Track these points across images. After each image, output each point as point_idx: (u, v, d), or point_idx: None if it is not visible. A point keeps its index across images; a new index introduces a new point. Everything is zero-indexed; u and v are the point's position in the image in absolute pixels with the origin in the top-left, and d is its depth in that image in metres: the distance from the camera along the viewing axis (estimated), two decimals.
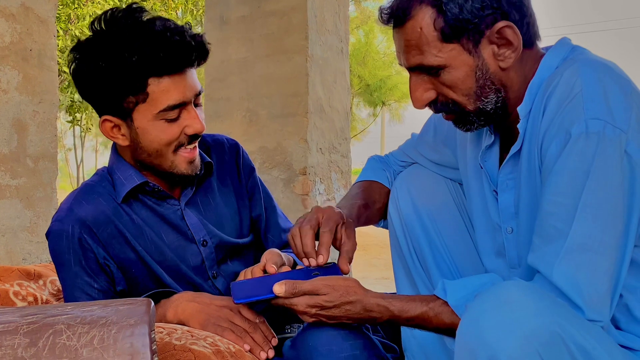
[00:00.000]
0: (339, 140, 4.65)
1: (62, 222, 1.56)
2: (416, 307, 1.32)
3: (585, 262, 1.17)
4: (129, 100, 1.50)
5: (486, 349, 1.06)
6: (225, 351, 1.31)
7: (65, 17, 12.02)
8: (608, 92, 1.20)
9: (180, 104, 1.51)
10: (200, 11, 13.21)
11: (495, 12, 1.29)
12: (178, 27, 1.49)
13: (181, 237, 1.64)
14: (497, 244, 1.50)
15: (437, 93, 1.37)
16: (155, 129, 1.52)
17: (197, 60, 1.53)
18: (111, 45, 1.47)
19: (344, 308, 1.32)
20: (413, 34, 1.32)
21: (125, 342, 1.04)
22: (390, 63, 23.56)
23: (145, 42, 1.45)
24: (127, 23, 1.48)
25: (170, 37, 1.46)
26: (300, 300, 1.32)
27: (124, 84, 1.48)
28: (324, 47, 4.41)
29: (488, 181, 1.48)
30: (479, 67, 1.32)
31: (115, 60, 1.46)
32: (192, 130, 1.54)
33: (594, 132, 1.17)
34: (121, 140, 1.58)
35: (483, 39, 1.31)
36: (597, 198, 1.17)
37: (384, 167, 1.83)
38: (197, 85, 1.55)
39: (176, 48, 1.47)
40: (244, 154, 1.84)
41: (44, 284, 1.83)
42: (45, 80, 2.91)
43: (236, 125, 4.35)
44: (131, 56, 1.45)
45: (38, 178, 2.91)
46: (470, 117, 1.38)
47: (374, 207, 1.74)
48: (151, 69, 1.46)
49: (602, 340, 1.13)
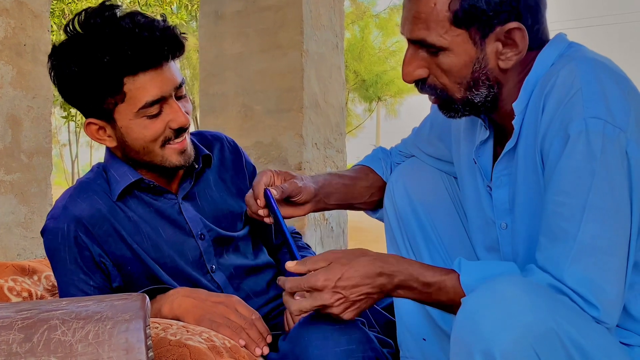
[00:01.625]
0: (335, 135, 4.65)
1: (57, 220, 1.55)
2: (435, 274, 1.28)
3: (598, 263, 1.17)
4: (108, 102, 1.49)
5: (481, 343, 1.06)
6: (220, 346, 1.31)
7: (59, 12, 11.98)
8: (607, 91, 1.20)
9: (160, 99, 1.50)
10: (195, 6, 13.18)
11: (512, 10, 1.27)
12: (148, 23, 1.46)
13: (179, 232, 1.64)
14: (491, 239, 1.50)
15: (429, 72, 1.36)
16: (138, 126, 1.51)
17: (171, 54, 1.50)
18: (83, 49, 1.45)
19: (362, 266, 1.27)
20: (425, 7, 1.29)
21: (120, 337, 1.03)
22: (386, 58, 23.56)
23: (114, 41, 1.43)
24: (97, 23, 1.46)
25: (139, 34, 1.44)
26: (319, 275, 1.27)
27: (99, 86, 1.46)
28: (319, 42, 4.41)
29: (482, 176, 1.48)
30: (479, 60, 1.31)
31: (88, 63, 1.45)
32: (176, 124, 1.52)
33: (594, 132, 1.17)
34: (108, 142, 1.57)
35: (491, 34, 1.29)
36: (603, 199, 1.17)
37: (383, 157, 1.83)
38: (177, 78, 1.52)
39: (145, 44, 1.45)
40: (245, 153, 1.85)
41: (38, 280, 1.82)
42: (40, 75, 2.90)
43: (231, 120, 4.34)
44: (102, 57, 1.43)
45: (32, 173, 2.90)
46: (456, 105, 1.37)
47: (353, 183, 1.73)
48: (124, 68, 1.45)
49: (599, 336, 1.13)
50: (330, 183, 1.67)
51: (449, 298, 1.27)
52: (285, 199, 1.55)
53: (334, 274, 1.26)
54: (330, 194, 1.66)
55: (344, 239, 4.68)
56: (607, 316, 1.16)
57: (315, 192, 1.60)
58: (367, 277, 1.27)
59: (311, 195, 1.59)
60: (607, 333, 1.16)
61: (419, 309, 1.67)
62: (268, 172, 1.55)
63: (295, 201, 1.57)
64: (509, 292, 1.08)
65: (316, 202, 1.62)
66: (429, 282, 1.28)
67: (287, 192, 1.54)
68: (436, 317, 1.65)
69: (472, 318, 1.09)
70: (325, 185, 1.65)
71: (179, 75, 1.53)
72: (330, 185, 1.66)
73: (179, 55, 1.52)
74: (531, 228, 1.34)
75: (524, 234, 1.38)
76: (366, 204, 1.79)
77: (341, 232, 4.63)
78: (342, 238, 4.66)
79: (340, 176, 1.72)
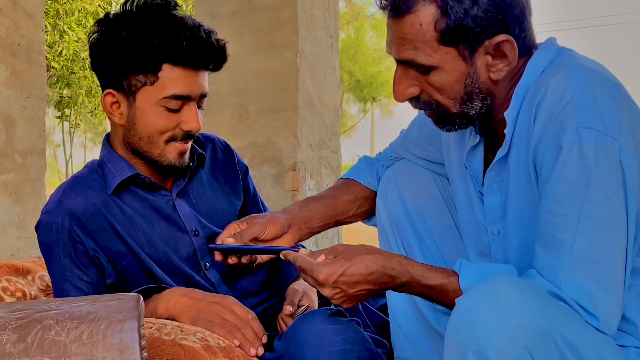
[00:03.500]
0: (329, 135, 4.65)
1: (51, 214, 1.55)
2: (437, 277, 1.29)
3: (594, 273, 1.17)
4: (137, 79, 1.53)
5: (475, 343, 1.06)
6: (215, 346, 1.31)
7: (54, 12, 11.96)
8: (598, 100, 1.20)
9: (185, 97, 1.54)
10: (189, 6, 13.17)
11: (498, 24, 1.26)
12: (207, 29, 1.54)
13: (173, 228, 1.64)
14: (483, 244, 1.50)
15: (421, 90, 1.35)
16: (154, 113, 1.54)
17: (214, 63, 1.57)
18: (139, 23, 1.51)
19: (364, 265, 1.28)
20: (411, 29, 1.28)
21: (114, 337, 1.03)
22: (380, 59, 23.61)
23: (172, 29, 1.49)
24: (159, 10, 1.53)
25: (197, 32, 1.51)
26: (323, 268, 1.28)
27: (138, 61, 1.51)
28: (314, 43, 4.41)
29: (473, 182, 1.48)
30: (470, 75, 1.30)
31: (138, 35, 1.50)
32: (188, 127, 1.56)
33: (587, 142, 1.17)
34: (117, 118, 1.59)
35: (480, 48, 1.28)
36: (598, 208, 1.17)
37: (366, 166, 1.82)
38: (205, 88, 1.59)
39: (200, 43, 1.51)
40: (237, 153, 1.87)
41: (32, 280, 1.82)
42: (34, 75, 2.90)
43: (226, 120, 4.34)
44: (155, 37, 1.48)
45: (26, 173, 2.89)
46: (453, 119, 1.37)
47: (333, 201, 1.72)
48: (170, 55, 1.50)
49: (592, 337, 1.13)
50: (307, 207, 1.67)
51: (450, 299, 1.27)
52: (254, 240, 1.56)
53: (337, 270, 1.28)
54: (310, 218, 1.66)
55: (338, 240, 4.69)
56: (606, 326, 1.16)
57: (286, 222, 1.60)
58: (368, 276, 1.29)
59: (281, 227, 1.59)
60: (601, 334, 1.17)
61: (413, 309, 1.67)
62: (231, 225, 1.57)
63: (263, 239, 1.57)
64: (503, 292, 1.08)
65: (296, 230, 1.62)
66: (430, 285, 1.29)
67: (248, 236, 1.54)
68: (429, 318, 1.65)
69: (466, 318, 1.09)
70: (302, 212, 1.65)
71: (207, 86, 1.60)
72: (307, 209, 1.66)
73: (216, 69, 1.59)
74: (523, 235, 1.35)
75: (516, 241, 1.38)
76: (356, 217, 1.78)
77: (336, 232, 4.64)
78: (337, 238, 4.66)
79: (317, 198, 1.72)
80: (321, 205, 1.69)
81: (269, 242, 1.58)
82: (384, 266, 1.29)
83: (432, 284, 1.29)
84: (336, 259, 1.30)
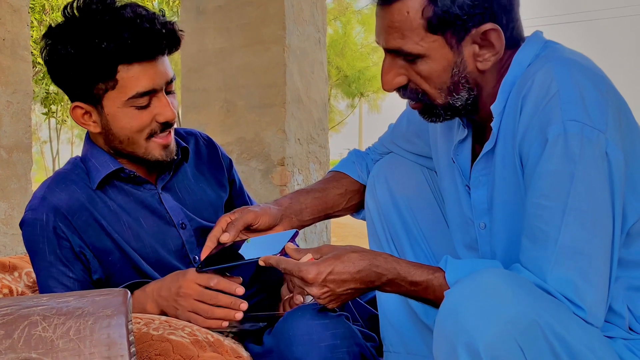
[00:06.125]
0: (317, 131, 4.65)
1: (35, 210, 1.54)
2: (422, 273, 1.30)
3: (579, 265, 1.17)
4: (98, 87, 1.50)
5: (464, 336, 1.06)
6: (203, 341, 1.31)
7: (40, 7, 11.88)
8: (584, 93, 1.20)
9: (150, 91, 1.51)
10: (176, 1, 13.11)
11: (485, 12, 1.27)
12: (149, 14, 1.49)
13: (160, 221, 1.64)
14: (470, 238, 1.50)
15: (408, 79, 1.36)
16: (126, 115, 1.52)
17: (168, 48, 1.53)
18: (81, 32, 1.47)
19: (352, 263, 1.29)
20: (398, 17, 1.29)
21: (102, 332, 1.03)
22: (368, 54, 23.60)
23: (114, 28, 1.45)
24: (98, 9, 1.48)
25: (140, 24, 1.46)
26: (311, 268, 1.29)
27: (93, 71, 1.47)
28: (301, 38, 4.40)
29: (460, 176, 1.48)
30: (457, 64, 1.31)
31: (85, 46, 1.46)
32: (163, 118, 1.54)
33: (572, 134, 1.17)
34: (92, 127, 1.57)
35: (467, 37, 1.29)
36: (583, 201, 1.17)
37: (356, 159, 1.82)
38: (169, 73, 1.54)
39: (146, 35, 1.47)
40: (220, 147, 1.87)
41: (19, 276, 1.81)
42: (19, 70, 2.88)
43: (213, 116, 4.32)
44: (100, 43, 1.44)
45: (12, 169, 2.87)
46: (437, 110, 1.37)
47: (324, 194, 1.73)
48: (120, 56, 1.46)
49: (581, 329, 1.14)
50: (298, 200, 1.67)
51: (436, 296, 1.28)
52: (247, 229, 1.55)
53: (325, 268, 1.28)
54: (301, 211, 1.65)
55: (327, 235, 4.69)
56: (592, 317, 1.17)
57: (278, 213, 1.60)
58: (355, 274, 1.29)
59: (274, 218, 1.58)
60: (589, 326, 1.17)
61: (402, 303, 1.68)
62: (222, 218, 1.54)
63: (256, 228, 1.56)
64: (491, 285, 1.08)
65: (287, 222, 1.62)
66: (416, 281, 1.30)
67: (241, 223, 1.52)
68: (419, 311, 1.66)
69: (455, 311, 1.09)
70: (293, 204, 1.65)
71: (170, 70, 1.56)
72: (298, 202, 1.66)
73: (174, 51, 1.55)
74: (510, 229, 1.35)
75: (502, 234, 1.38)
76: (346, 210, 1.78)
77: (324, 227, 4.64)
78: (325, 234, 4.66)
79: (308, 191, 1.72)
80: (312, 199, 1.69)
81: (262, 232, 1.57)
82: (371, 263, 1.30)
83: (418, 280, 1.30)
84: (323, 258, 1.31)
